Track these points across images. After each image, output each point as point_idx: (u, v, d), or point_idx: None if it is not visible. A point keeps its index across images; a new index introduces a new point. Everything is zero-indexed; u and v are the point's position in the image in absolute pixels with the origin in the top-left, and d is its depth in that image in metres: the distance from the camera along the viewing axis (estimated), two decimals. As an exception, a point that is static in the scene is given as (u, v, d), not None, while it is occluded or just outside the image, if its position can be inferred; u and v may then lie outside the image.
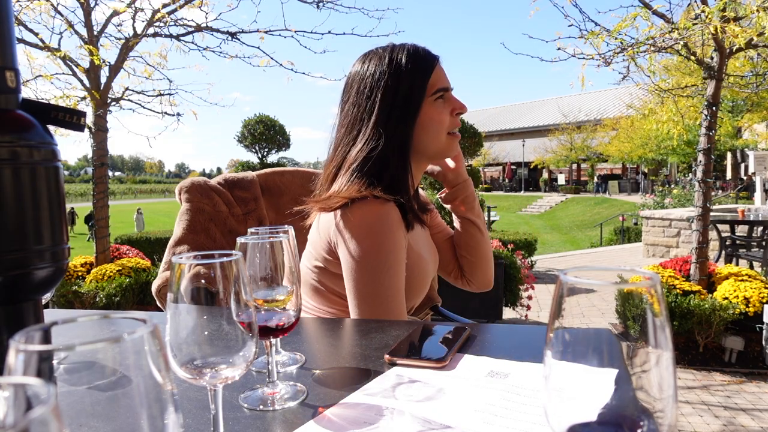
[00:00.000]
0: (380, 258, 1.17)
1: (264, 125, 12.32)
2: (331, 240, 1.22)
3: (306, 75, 6.08)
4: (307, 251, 1.32)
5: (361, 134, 1.27)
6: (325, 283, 1.27)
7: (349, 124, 1.29)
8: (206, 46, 5.75)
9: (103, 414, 0.32)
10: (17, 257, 0.63)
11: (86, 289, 5.29)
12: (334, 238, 1.21)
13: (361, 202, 1.19)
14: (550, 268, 9.21)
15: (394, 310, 1.19)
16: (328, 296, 1.28)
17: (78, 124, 0.69)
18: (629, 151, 25.82)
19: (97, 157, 5.55)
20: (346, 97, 1.32)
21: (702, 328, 4.31)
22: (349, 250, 1.18)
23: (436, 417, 0.69)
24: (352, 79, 1.31)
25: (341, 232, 1.19)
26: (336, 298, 1.27)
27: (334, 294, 1.27)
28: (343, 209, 1.20)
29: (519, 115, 47.35)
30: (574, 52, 4.44)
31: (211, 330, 0.58)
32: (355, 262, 1.17)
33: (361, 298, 1.18)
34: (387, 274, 1.18)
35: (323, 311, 1.30)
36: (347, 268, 1.19)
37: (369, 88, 1.27)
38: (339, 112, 1.34)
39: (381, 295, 1.17)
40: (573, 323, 0.43)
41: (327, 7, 5.54)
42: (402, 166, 1.27)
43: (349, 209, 1.19)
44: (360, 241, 1.17)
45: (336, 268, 1.23)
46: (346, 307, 1.24)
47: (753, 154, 10.23)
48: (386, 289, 1.18)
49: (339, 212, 1.20)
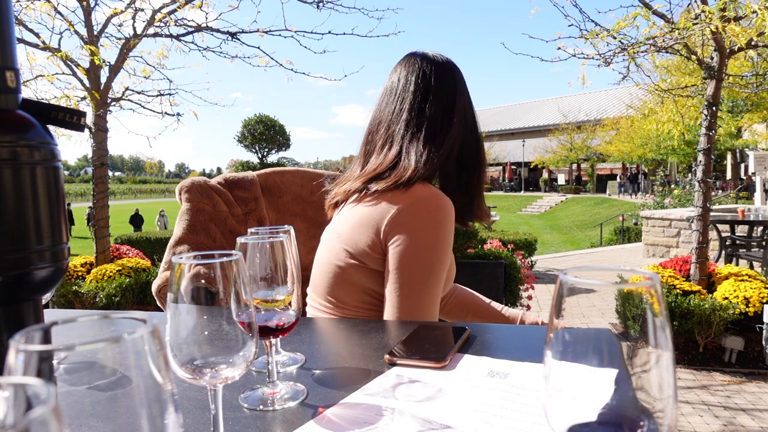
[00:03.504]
0: (440, 253, 1.16)
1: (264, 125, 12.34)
2: (381, 230, 1.16)
3: (306, 75, 6.08)
4: (334, 247, 1.25)
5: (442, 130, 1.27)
6: (357, 280, 1.21)
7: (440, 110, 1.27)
8: (206, 46, 5.76)
9: (103, 414, 0.32)
10: (17, 257, 0.63)
11: (86, 289, 5.29)
12: (388, 226, 1.16)
13: (428, 190, 1.18)
14: (550, 268, 9.21)
15: (434, 311, 1.18)
16: (356, 294, 1.23)
17: (78, 124, 0.69)
18: (629, 151, 25.83)
19: (97, 157, 5.55)
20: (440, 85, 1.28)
21: (702, 328, 4.32)
22: (412, 236, 1.14)
23: (436, 417, 0.69)
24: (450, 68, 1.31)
25: (405, 219, 1.15)
26: (363, 295, 1.22)
27: (363, 291, 1.22)
28: (408, 197, 1.17)
29: (519, 115, 47.35)
30: (574, 52, 4.45)
31: (211, 330, 0.58)
32: (417, 251, 1.14)
33: (409, 289, 1.14)
34: (442, 272, 1.17)
35: (349, 309, 1.24)
36: (404, 257, 1.14)
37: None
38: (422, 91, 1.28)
39: (429, 294, 1.16)
40: (573, 323, 0.43)
41: (327, 7, 5.54)
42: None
43: (419, 197, 1.17)
44: (427, 231, 1.15)
45: (376, 264, 1.19)
46: (369, 304, 1.21)
47: (753, 154, 10.22)
48: (435, 287, 1.17)
49: (404, 200, 1.17)
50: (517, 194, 37.45)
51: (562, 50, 4.42)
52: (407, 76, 1.29)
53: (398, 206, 1.16)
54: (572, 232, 20.57)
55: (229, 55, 5.76)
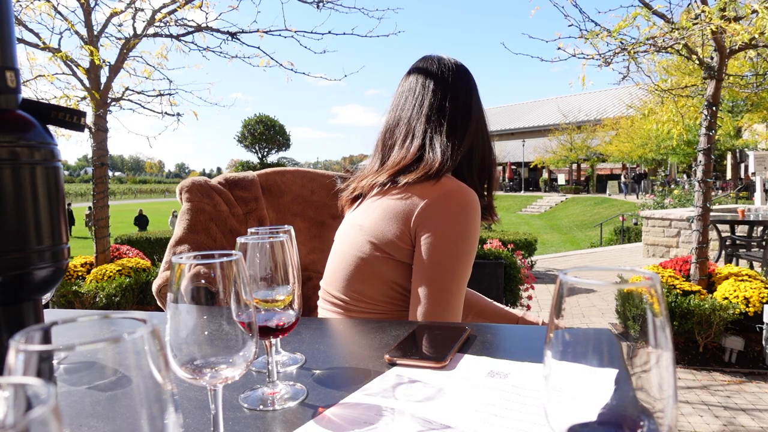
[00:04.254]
0: (468, 245, 1.17)
1: (264, 125, 12.33)
2: (411, 221, 1.18)
3: (306, 75, 6.08)
4: (356, 240, 1.24)
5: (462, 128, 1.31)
6: (384, 273, 1.21)
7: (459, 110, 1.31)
8: (206, 46, 5.75)
9: (103, 414, 0.32)
10: (17, 257, 0.63)
11: (86, 289, 5.29)
12: (419, 218, 1.17)
13: (456, 183, 1.20)
14: (550, 268, 9.21)
15: (461, 303, 1.18)
16: (379, 288, 1.22)
17: (78, 124, 0.69)
18: (629, 151, 25.82)
19: (97, 157, 5.55)
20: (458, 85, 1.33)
21: (702, 328, 4.31)
22: (442, 230, 1.16)
23: (436, 417, 0.69)
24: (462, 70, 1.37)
25: (435, 210, 1.17)
26: (387, 289, 1.22)
27: (387, 284, 1.22)
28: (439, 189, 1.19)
29: (519, 115, 47.35)
30: (574, 52, 4.44)
31: (211, 330, 0.58)
32: (447, 243, 1.16)
33: (440, 282, 1.15)
34: (469, 263, 1.18)
35: (368, 303, 1.24)
36: (435, 249, 1.15)
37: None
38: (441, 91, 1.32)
39: (458, 286, 1.17)
40: (573, 323, 0.43)
41: (327, 7, 5.54)
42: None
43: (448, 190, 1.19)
44: (457, 222, 1.16)
45: (403, 255, 1.19)
46: (392, 298, 1.22)
47: (753, 154, 10.23)
48: (463, 279, 1.17)
49: (433, 192, 1.19)
50: (517, 194, 37.44)
51: (562, 50, 4.42)
52: (426, 77, 1.33)
53: (428, 198, 1.18)
54: (572, 232, 20.57)
55: (229, 55, 5.76)
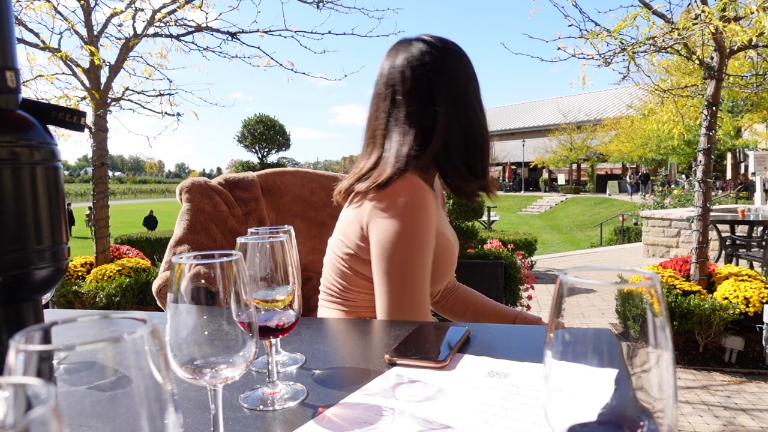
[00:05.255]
0: (416, 241, 1.17)
1: (264, 125, 12.30)
2: (363, 222, 1.22)
3: (306, 75, 6.08)
4: (335, 239, 1.32)
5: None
6: (355, 269, 1.27)
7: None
8: (206, 46, 5.76)
9: (103, 414, 0.32)
10: (17, 257, 0.63)
11: (86, 289, 5.29)
12: (368, 217, 1.21)
13: (402, 181, 1.20)
14: (550, 268, 9.20)
15: (420, 301, 1.18)
16: (356, 280, 1.28)
17: (78, 124, 0.69)
18: (629, 151, 25.82)
19: (97, 157, 5.55)
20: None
21: (702, 328, 4.31)
22: (382, 230, 1.18)
23: (436, 417, 0.69)
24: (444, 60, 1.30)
25: (380, 210, 1.19)
26: (365, 282, 1.27)
27: (363, 278, 1.27)
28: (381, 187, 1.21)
29: (519, 115, 47.34)
30: (574, 52, 4.44)
31: (211, 330, 0.58)
32: (389, 243, 1.17)
33: (389, 278, 1.17)
34: (421, 260, 1.18)
35: (353, 292, 1.29)
36: (379, 247, 1.18)
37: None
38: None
39: (411, 283, 1.17)
40: (573, 323, 0.43)
41: (327, 7, 5.54)
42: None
43: (393, 191, 1.20)
44: (397, 221, 1.17)
45: (367, 254, 1.23)
46: (370, 290, 1.24)
47: (753, 154, 10.23)
48: (416, 276, 1.17)
49: (381, 194, 1.21)
50: (517, 194, 37.43)
51: (562, 50, 4.42)
52: (381, 70, 1.32)
53: (376, 200, 1.21)
54: (572, 232, 20.57)
55: (229, 55, 5.76)
